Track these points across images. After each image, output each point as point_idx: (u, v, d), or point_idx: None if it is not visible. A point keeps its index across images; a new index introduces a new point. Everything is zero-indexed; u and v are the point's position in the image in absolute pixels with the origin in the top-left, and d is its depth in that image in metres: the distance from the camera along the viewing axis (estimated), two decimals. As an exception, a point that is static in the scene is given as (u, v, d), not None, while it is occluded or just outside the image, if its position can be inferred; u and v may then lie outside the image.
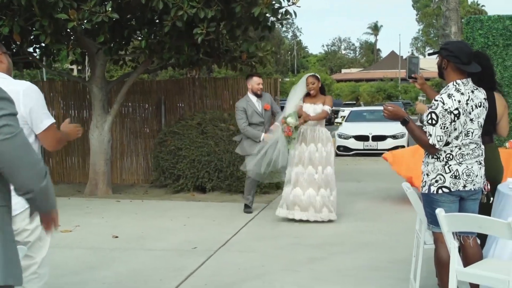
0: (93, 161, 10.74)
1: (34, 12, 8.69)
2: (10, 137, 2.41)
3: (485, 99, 4.28)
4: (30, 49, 10.82)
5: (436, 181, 4.20)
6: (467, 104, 4.12)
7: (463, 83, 4.18)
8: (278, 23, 10.03)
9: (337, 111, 36.90)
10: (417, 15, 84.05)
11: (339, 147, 17.97)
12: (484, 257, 4.31)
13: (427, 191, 4.26)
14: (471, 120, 4.16)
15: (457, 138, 4.14)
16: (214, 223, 8.15)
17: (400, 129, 17.93)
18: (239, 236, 7.44)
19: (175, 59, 10.15)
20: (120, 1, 9.08)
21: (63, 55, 9.33)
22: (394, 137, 17.74)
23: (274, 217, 8.29)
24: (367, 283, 5.49)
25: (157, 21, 9.76)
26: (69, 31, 9.84)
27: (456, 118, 4.08)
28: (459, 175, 4.16)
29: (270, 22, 9.52)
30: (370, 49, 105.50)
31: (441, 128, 4.07)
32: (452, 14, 14.40)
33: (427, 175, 4.26)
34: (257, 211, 8.89)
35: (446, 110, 4.06)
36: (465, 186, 4.18)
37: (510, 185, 4.72)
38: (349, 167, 14.55)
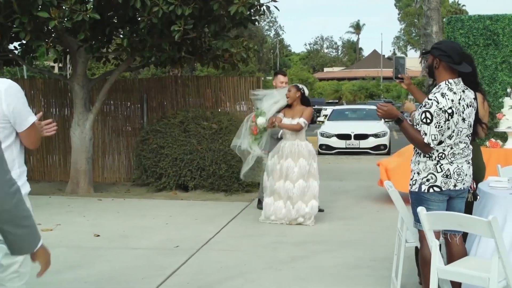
0: (75, 159, 10.67)
1: (14, 9, 8.61)
2: None
3: (474, 99, 4.31)
4: (11, 47, 10.71)
5: (427, 180, 4.21)
6: (459, 103, 4.15)
7: (454, 82, 4.20)
8: (255, 19, 10.00)
9: (320, 109, 37.06)
10: (399, 14, 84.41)
11: (321, 145, 18.04)
12: (465, 254, 4.35)
13: (417, 190, 4.26)
14: (463, 119, 4.18)
15: (450, 137, 4.16)
16: (196, 222, 8.13)
17: (382, 128, 18.06)
18: (222, 234, 7.43)
19: (157, 57, 10.08)
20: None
21: (42, 51, 9.22)
22: (376, 136, 17.82)
23: (256, 215, 8.30)
24: (349, 282, 5.51)
25: (139, 19, 9.71)
26: (50, 29, 9.76)
27: (450, 117, 4.10)
28: (450, 174, 4.18)
29: (245, 18, 9.51)
30: (352, 48, 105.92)
31: (436, 127, 4.08)
32: (433, 13, 14.53)
33: (418, 173, 4.27)
34: (239, 210, 8.88)
35: (440, 109, 4.07)
36: (455, 185, 4.21)
37: (491, 183, 4.77)
38: (331, 166, 14.59)
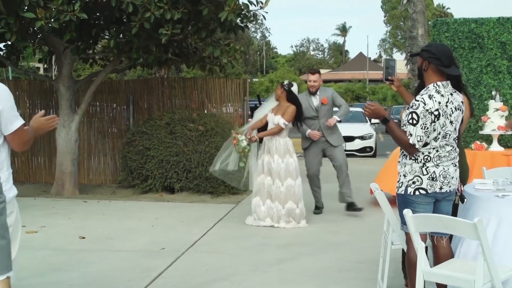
0: (60, 161, 10.60)
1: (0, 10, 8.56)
2: None
3: (462, 102, 4.33)
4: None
5: (413, 183, 4.22)
6: (446, 106, 4.16)
7: (443, 85, 4.21)
8: (245, 26, 10.02)
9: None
10: (385, 17, 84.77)
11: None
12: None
13: (403, 192, 4.27)
14: (450, 122, 4.20)
15: (435, 139, 4.17)
16: (182, 224, 8.11)
17: (368, 130, 18.11)
18: (208, 236, 7.42)
19: (143, 58, 10.04)
20: (87, 0, 8.98)
21: (29, 52, 9.17)
22: (362, 138, 17.87)
23: (242, 217, 8.29)
24: (335, 284, 5.52)
25: (125, 20, 9.68)
26: (35, 29, 9.70)
27: (436, 119, 4.11)
28: (436, 177, 4.20)
29: (235, 24, 9.52)
30: (338, 50, 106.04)
31: (422, 128, 4.09)
32: (419, 16, 14.58)
33: (404, 176, 4.28)
34: (226, 212, 8.87)
35: (427, 110, 4.09)
36: (441, 188, 4.22)
37: (475, 185, 4.80)
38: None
